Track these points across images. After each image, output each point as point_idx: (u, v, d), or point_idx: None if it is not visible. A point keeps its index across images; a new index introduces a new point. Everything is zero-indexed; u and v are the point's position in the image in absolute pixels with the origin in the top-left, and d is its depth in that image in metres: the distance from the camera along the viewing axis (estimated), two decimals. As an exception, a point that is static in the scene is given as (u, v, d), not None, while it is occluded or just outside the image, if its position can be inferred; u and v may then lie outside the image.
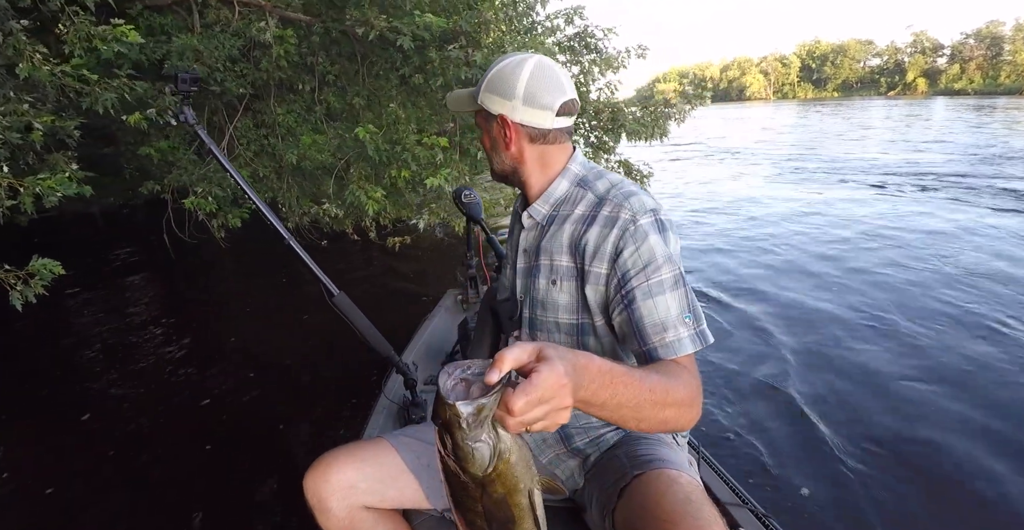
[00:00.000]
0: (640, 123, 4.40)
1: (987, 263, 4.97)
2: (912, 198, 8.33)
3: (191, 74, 1.55)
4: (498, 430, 0.66)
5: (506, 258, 1.40)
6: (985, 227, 6.27)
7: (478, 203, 2.61)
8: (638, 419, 0.84)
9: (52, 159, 3.34)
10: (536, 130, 1.16)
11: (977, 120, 23.92)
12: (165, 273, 5.77)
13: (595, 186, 1.18)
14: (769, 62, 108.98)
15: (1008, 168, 10.54)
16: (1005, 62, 73.81)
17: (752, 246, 5.99)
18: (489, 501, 0.70)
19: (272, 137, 4.63)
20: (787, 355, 3.40)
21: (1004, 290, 4.28)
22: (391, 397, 2.00)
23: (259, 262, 5.90)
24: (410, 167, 3.68)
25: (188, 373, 3.56)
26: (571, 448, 1.27)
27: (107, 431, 2.94)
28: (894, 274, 4.75)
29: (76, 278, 5.53)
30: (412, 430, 1.38)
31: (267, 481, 2.46)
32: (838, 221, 6.99)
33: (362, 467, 1.22)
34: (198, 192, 4.25)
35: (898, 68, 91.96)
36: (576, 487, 1.28)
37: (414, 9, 3.56)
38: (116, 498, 2.43)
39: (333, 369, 3.44)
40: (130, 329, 4.34)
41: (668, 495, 0.98)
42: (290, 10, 4.16)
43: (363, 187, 3.76)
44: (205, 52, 3.86)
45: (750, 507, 1.42)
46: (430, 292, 4.50)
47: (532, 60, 1.14)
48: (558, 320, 1.20)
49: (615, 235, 1.08)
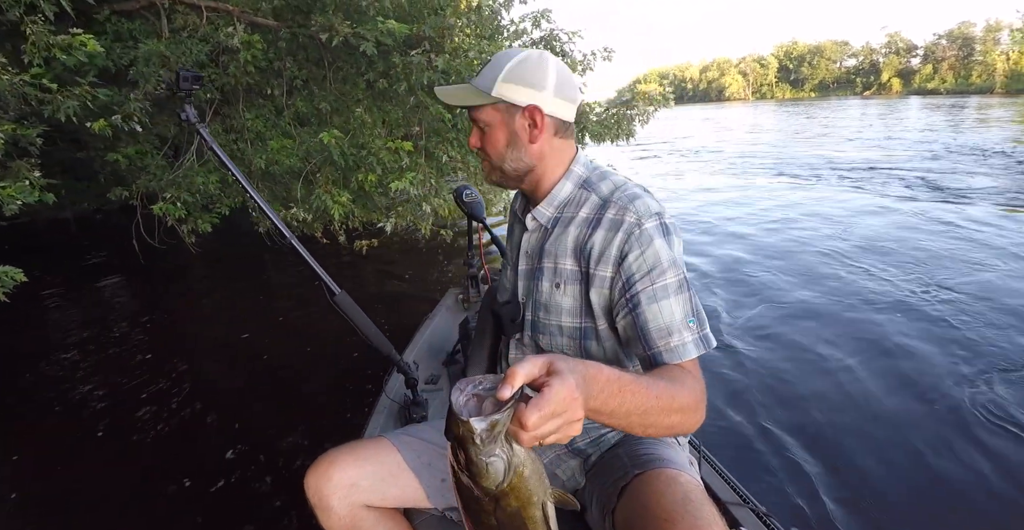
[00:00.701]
0: (603, 125, 4.48)
1: (881, 240, 5.84)
2: (836, 187, 9.42)
3: (192, 73, 1.54)
4: (512, 444, 0.66)
5: (506, 259, 1.40)
6: (880, 209, 7.44)
7: (479, 202, 2.62)
8: (645, 425, 0.86)
9: (15, 166, 3.34)
10: (562, 123, 1.16)
11: (931, 119, 24.85)
12: (142, 277, 5.74)
13: (599, 188, 1.18)
14: (747, 63, 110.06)
15: (933, 162, 11.46)
16: (976, 62, 75.17)
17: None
18: (503, 515, 0.70)
19: (241, 142, 4.64)
20: (784, 354, 3.41)
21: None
22: (392, 396, 2.00)
23: (238, 265, 5.91)
24: (376, 171, 3.72)
25: (182, 375, 3.54)
26: (572, 448, 1.28)
27: (103, 432, 2.93)
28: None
29: (48, 284, 5.51)
30: (413, 429, 1.38)
31: (268, 480, 2.47)
32: (771, 207, 7.99)
33: (363, 466, 1.22)
34: (167, 198, 4.26)
35: (873, 68, 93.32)
36: (577, 487, 1.29)
37: (377, 15, 3.59)
38: (113, 500, 2.42)
39: (334, 369, 3.44)
40: (109, 333, 4.30)
41: (668, 494, 0.99)
42: (258, 15, 4.18)
43: (329, 191, 3.79)
44: (172, 58, 3.86)
45: (751, 506, 1.42)
46: (405, 293, 4.56)
47: (548, 53, 1.15)
48: (561, 323, 1.20)
49: (620, 238, 1.09)
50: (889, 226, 6.46)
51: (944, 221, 6.50)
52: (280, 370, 3.52)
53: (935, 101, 45.45)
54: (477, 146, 1.20)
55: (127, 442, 2.84)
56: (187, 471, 2.56)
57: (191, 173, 4.40)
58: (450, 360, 2.27)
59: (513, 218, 1.39)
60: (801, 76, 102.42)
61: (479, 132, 1.18)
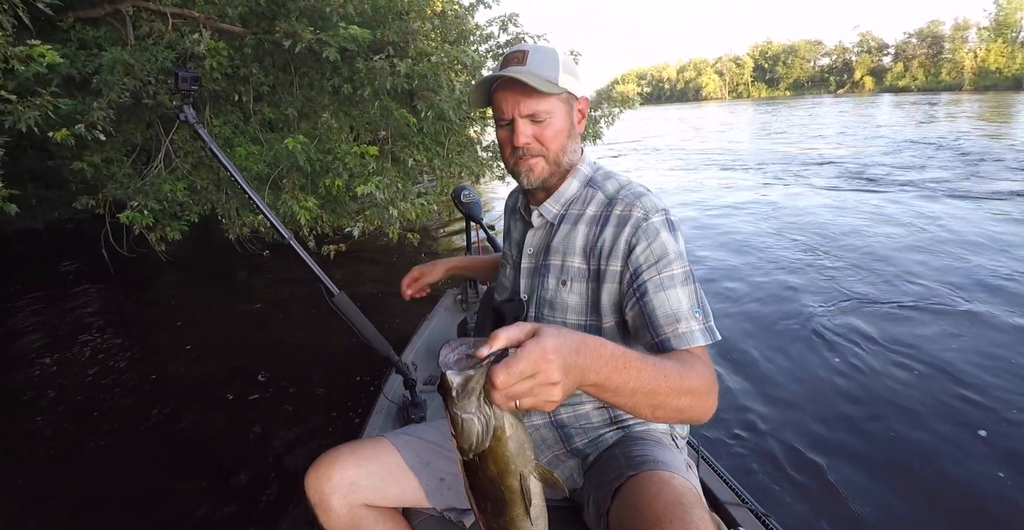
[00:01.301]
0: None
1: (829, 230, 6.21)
2: (777, 179, 10.21)
3: (191, 73, 1.56)
4: (492, 408, 0.66)
5: (505, 258, 1.40)
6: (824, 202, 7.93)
7: (477, 203, 2.63)
8: (653, 406, 0.84)
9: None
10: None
11: (890, 116, 25.57)
12: (121, 285, 5.70)
13: (604, 186, 1.22)
14: (724, 62, 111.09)
15: (880, 157, 12.10)
16: (945, 60, 76.49)
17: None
18: (484, 478, 0.71)
19: (209, 149, 4.62)
20: (781, 354, 3.41)
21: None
22: (391, 397, 2.01)
23: (210, 271, 5.89)
24: (343, 176, 3.74)
25: (174, 377, 3.55)
26: (571, 448, 1.29)
27: (96, 434, 2.93)
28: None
29: (17, 294, 5.45)
30: (412, 429, 1.39)
31: (268, 480, 2.48)
32: (710, 198, 8.68)
33: (363, 465, 1.23)
34: (134, 206, 4.24)
35: (846, 67, 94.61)
36: (575, 487, 1.30)
37: (341, 21, 3.62)
38: (110, 502, 2.42)
39: (332, 370, 3.45)
40: (92, 340, 4.26)
41: (659, 497, 0.99)
42: (224, 22, 4.19)
43: (295, 196, 3.81)
44: (136, 65, 3.85)
45: (750, 506, 1.42)
46: (372, 295, 4.58)
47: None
48: (566, 321, 1.21)
49: (628, 232, 1.12)
50: (818, 212, 7.15)
51: (864, 206, 7.39)
52: (278, 371, 3.52)
53: (904, 98, 46.45)
54: (528, 142, 1.15)
55: (123, 445, 2.84)
56: (187, 472, 2.57)
57: (159, 181, 4.38)
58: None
59: (512, 216, 1.40)
60: (776, 75, 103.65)
61: (532, 125, 1.15)
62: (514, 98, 1.13)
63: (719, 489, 1.49)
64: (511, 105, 1.13)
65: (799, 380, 3.13)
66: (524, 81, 1.09)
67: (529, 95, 1.12)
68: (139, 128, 4.72)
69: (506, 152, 1.20)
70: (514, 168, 1.21)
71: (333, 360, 3.62)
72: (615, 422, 1.27)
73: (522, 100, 1.12)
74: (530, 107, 1.12)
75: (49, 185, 6.78)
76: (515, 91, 1.12)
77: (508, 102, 1.14)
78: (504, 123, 1.17)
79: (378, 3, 3.79)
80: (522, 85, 1.10)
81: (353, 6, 3.71)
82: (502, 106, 1.15)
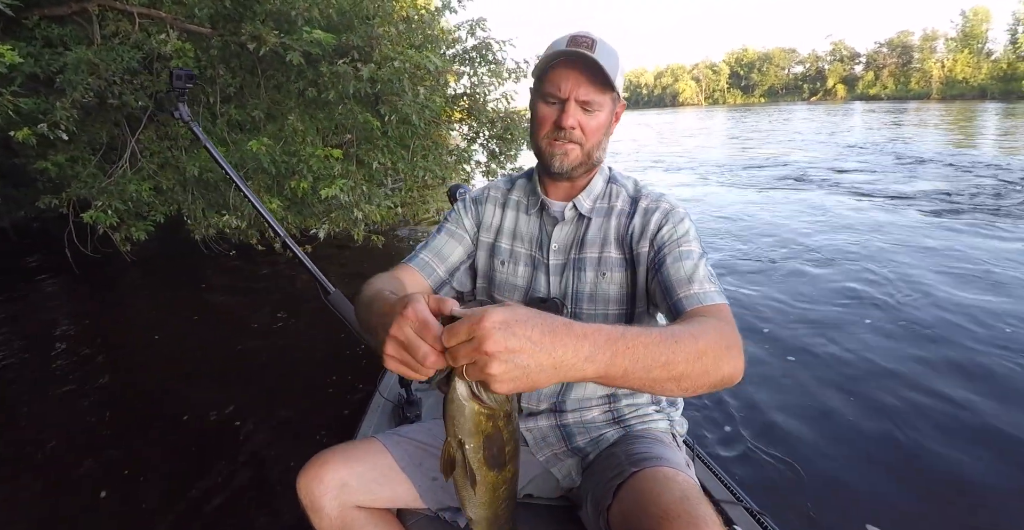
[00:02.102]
0: (529, 132, 4.61)
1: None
2: (719, 181, 11.16)
3: (186, 71, 1.57)
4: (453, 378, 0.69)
5: (498, 254, 1.35)
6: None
7: None
8: (676, 378, 0.77)
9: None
10: None
11: (850, 122, 27.14)
12: (84, 286, 5.63)
13: (626, 184, 1.29)
14: (700, 69, 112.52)
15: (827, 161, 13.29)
16: (914, 69, 78.44)
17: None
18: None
19: (175, 149, 4.64)
20: (777, 352, 3.45)
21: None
22: (386, 395, 2.00)
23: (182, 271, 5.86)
24: (308, 178, 3.78)
25: (167, 378, 3.49)
26: (571, 447, 1.30)
27: (66, 438, 2.88)
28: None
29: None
30: (406, 430, 1.38)
31: (260, 481, 2.46)
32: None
33: (355, 467, 1.21)
34: (98, 205, 4.23)
35: (819, 75, 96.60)
36: (573, 486, 1.30)
37: (306, 25, 3.66)
38: (104, 504, 2.38)
39: (326, 368, 3.40)
40: (73, 341, 4.16)
41: (665, 493, 0.98)
42: (192, 22, 4.20)
43: (260, 198, 3.83)
44: (102, 65, 3.85)
45: (745, 504, 1.42)
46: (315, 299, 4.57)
47: None
48: (608, 312, 1.23)
49: (657, 217, 1.19)
50: (758, 210, 7.96)
51: (800, 204, 8.31)
52: (271, 370, 3.51)
53: (875, 106, 47.61)
54: (574, 127, 1.15)
55: (117, 444, 2.80)
56: (177, 473, 2.55)
57: (124, 181, 4.38)
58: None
59: (515, 211, 1.35)
60: (752, 82, 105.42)
61: (582, 112, 1.15)
62: (576, 80, 1.12)
63: (715, 487, 1.50)
64: (571, 86, 1.12)
65: (793, 381, 3.14)
66: (599, 67, 1.10)
67: (591, 82, 1.12)
68: (105, 128, 4.71)
69: (542, 131, 1.18)
70: (548, 148, 1.19)
71: (324, 359, 3.59)
72: (617, 421, 1.31)
73: (583, 85, 1.12)
74: (588, 94, 1.13)
75: (16, 183, 6.69)
76: (579, 73, 1.12)
77: (569, 82, 1.13)
78: (554, 100, 1.15)
79: (343, 7, 3.84)
80: (590, 71, 1.11)
81: (319, 10, 3.76)
82: (560, 83, 1.13)
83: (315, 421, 2.91)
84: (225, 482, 2.46)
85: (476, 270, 1.39)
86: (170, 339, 4.16)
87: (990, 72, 68.29)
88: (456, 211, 1.40)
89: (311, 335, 3.99)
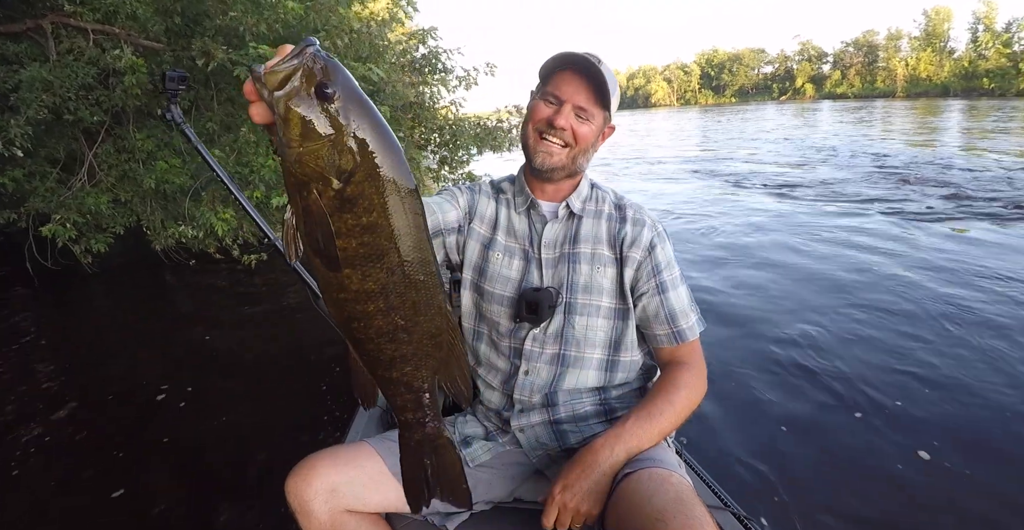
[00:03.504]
0: (478, 138, 4.81)
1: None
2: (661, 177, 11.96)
3: (179, 73, 1.58)
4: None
5: (493, 247, 1.39)
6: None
7: None
8: (670, 432, 1.25)
9: None
10: None
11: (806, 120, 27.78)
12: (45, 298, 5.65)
13: (606, 191, 1.42)
14: (672, 70, 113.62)
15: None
16: (880, 68, 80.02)
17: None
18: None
19: (133, 162, 4.73)
20: (766, 356, 3.46)
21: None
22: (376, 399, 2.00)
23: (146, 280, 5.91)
24: (260, 188, 3.91)
25: (160, 381, 3.51)
26: (565, 447, 1.32)
27: (89, 438, 2.91)
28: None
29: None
30: (395, 434, 1.36)
31: (248, 484, 2.45)
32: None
33: (344, 471, 1.21)
34: (57, 219, 4.30)
35: (788, 74, 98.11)
36: None
37: (253, 40, 3.79)
38: (96, 507, 2.38)
39: (316, 372, 3.45)
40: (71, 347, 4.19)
41: (659, 494, 1.00)
42: (145, 37, 4.29)
43: (213, 208, 3.96)
44: (56, 82, 3.93)
45: (732, 510, 1.42)
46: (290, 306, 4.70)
47: None
48: (601, 304, 1.33)
49: (648, 232, 1.33)
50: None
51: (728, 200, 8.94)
52: (260, 373, 3.53)
53: (846, 104, 48.60)
54: (565, 128, 1.25)
55: (96, 454, 2.79)
56: (165, 478, 2.57)
57: (82, 194, 4.46)
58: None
59: (508, 209, 1.42)
60: (722, 82, 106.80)
61: (575, 118, 1.25)
62: (578, 86, 1.23)
63: (702, 492, 1.48)
64: (572, 90, 1.24)
65: (781, 383, 3.17)
66: (602, 81, 1.22)
67: (591, 93, 1.24)
68: (62, 142, 4.77)
69: (533, 124, 1.29)
70: (534, 144, 1.29)
71: (312, 364, 3.58)
72: (610, 419, 1.35)
73: (584, 92, 1.23)
74: (587, 102, 1.24)
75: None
76: (583, 81, 1.23)
77: (571, 86, 1.24)
78: (553, 101, 1.25)
79: (289, 22, 3.97)
80: (594, 83, 1.23)
81: (267, 25, 3.89)
82: (563, 86, 1.24)
83: (303, 424, 2.90)
84: (213, 485, 2.49)
85: (464, 257, 1.42)
86: (137, 346, 4.19)
87: (952, 70, 70.01)
88: (449, 190, 1.46)
89: (298, 339, 4.01)
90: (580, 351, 1.34)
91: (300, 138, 0.63)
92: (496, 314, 1.37)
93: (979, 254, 5.17)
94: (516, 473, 1.37)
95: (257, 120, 0.66)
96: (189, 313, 4.96)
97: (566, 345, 1.33)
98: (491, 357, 1.42)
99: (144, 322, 4.76)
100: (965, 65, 68.26)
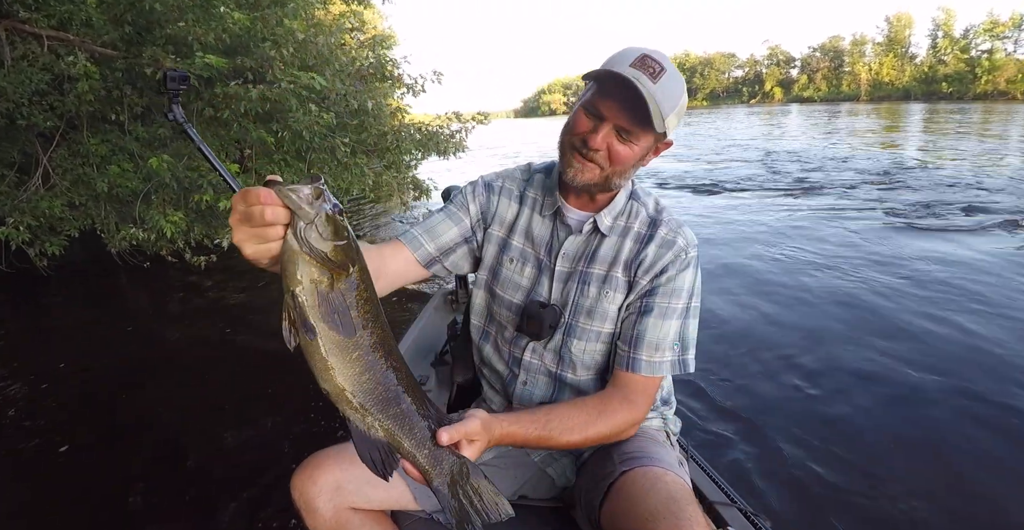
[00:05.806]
0: (420, 144, 5.03)
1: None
2: None
3: (180, 73, 1.58)
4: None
5: (507, 251, 1.34)
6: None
7: None
8: (561, 445, 1.08)
9: None
10: None
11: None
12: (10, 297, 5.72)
13: (646, 203, 1.27)
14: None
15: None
16: (845, 73, 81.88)
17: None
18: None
19: (87, 166, 4.83)
20: (772, 353, 3.51)
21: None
22: None
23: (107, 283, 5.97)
24: (208, 191, 4.07)
25: (161, 381, 3.59)
26: None
27: (89, 436, 2.95)
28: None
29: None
30: None
31: (254, 482, 2.46)
32: None
33: (349, 468, 1.19)
34: (10, 222, 4.40)
35: (757, 78, 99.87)
36: (567, 485, 1.33)
37: (201, 49, 3.95)
38: (97, 505, 2.42)
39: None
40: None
41: (652, 493, 1.00)
42: (100, 45, 4.41)
43: (163, 211, 4.10)
44: (10, 88, 4.04)
45: (739, 506, 1.41)
46: (241, 304, 4.87)
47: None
48: (602, 330, 1.25)
49: (668, 257, 1.20)
50: None
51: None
52: (263, 373, 3.55)
53: (810, 108, 49.60)
54: (600, 149, 1.09)
55: (112, 446, 2.87)
56: (171, 475, 2.61)
57: (36, 198, 4.57)
58: (438, 361, 2.24)
59: (532, 210, 1.33)
60: (694, 86, 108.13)
61: (614, 138, 1.09)
62: (621, 106, 1.05)
63: (708, 488, 1.49)
64: (614, 111, 1.06)
65: (786, 383, 3.17)
66: (647, 109, 1.03)
67: (635, 114, 1.05)
68: (16, 147, 4.87)
69: (569, 136, 1.14)
70: (569, 158, 1.15)
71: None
72: None
73: (627, 114, 1.06)
74: (629, 125, 1.07)
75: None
76: (628, 101, 1.04)
77: (613, 107, 1.06)
78: (593, 114, 1.09)
79: (236, 32, 4.13)
80: (640, 103, 1.03)
81: (214, 35, 4.05)
82: (603, 104, 1.07)
83: (308, 422, 2.93)
84: (218, 483, 2.52)
85: (480, 259, 1.38)
86: (102, 348, 4.23)
87: (913, 75, 71.96)
88: (463, 193, 1.36)
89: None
90: (576, 374, 1.30)
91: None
92: (504, 318, 1.35)
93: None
94: (520, 472, 1.38)
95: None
96: (144, 312, 5.06)
97: (563, 365, 1.30)
98: (493, 360, 1.41)
99: (98, 323, 4.84)
100: (925, 70, 70.22)
